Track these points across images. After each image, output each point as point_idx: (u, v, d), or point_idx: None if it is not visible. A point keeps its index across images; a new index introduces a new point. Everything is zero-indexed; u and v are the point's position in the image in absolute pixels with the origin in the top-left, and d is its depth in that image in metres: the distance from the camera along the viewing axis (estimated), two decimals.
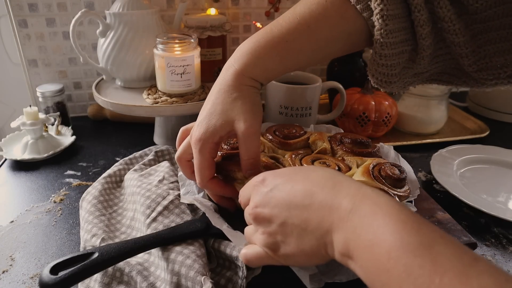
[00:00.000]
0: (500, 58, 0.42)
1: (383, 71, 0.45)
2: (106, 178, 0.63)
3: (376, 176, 0.52)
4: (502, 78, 0.44)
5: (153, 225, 0.50)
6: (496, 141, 0.83)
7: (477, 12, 0.42)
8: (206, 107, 0.46)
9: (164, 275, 0.44)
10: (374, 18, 0.41)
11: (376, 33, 0.42)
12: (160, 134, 0.82)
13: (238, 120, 0.43)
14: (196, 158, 0.46)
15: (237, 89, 0.44)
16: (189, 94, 0.74)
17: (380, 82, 0.46)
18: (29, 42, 0.91)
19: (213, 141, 0.45)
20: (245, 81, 0.45)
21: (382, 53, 0.43)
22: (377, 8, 0.41)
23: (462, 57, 0.43)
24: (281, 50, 0.45)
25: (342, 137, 0.64)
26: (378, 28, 0.42)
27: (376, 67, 0.45)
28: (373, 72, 0.45)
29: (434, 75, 0.49)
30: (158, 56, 0.71)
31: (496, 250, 0.55)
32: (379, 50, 0.43)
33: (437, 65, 0.47)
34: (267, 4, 0.97)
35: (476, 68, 0.44)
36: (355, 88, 0.88)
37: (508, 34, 0.41)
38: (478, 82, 0.46)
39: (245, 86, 0.45)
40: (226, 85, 0.45)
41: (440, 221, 0.57)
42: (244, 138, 0.44)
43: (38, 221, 0.59)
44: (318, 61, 0.48)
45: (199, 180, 0.47)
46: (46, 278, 0.38)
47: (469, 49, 0.43)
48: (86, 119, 0.97)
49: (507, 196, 0.67)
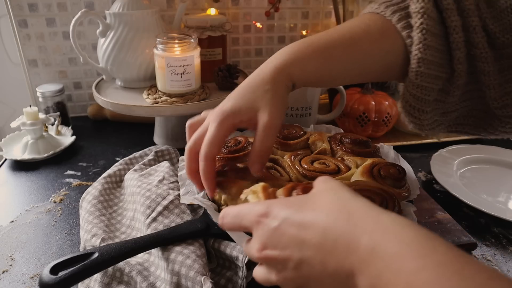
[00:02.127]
0: None
1: (417, 95, 0.45)
2: (106, 178, 0.63)
3: (376, 176, 0.52)
4: None
5: (153, 225, 0.50)
6: (496, 141, 0.83)
7: (503, 47, 0.42)
8: (237, 90, 0.46)
9: (164, 275, 0.44)
10: (414, 33, 0.43)
11: (415, 48, 0.43)
12: (160, 134, 0.82)
13: (263, 111, 0.43)
14: (211, 130, 0.44)
15: (271, 82, 0.44)
16: (189, 94, 0.74)
17: (412, 109, 0.46)
18: (29, 42, 0.91)
19: (233, 120, 0.44)
20: (281, 77, 0.45)
21: (418, 70, 0.43)
22: (418, 22, 0.42)
23: (489, 88, 0.44)
24: (320, 55, 0.45)
25: (342, 137, 0.64)
26: (417, 42, 0.42)
27: (411, 89, 0.45)
28: (407, 97, 0.45)
29: (460, 118, 0.49)
30: (158, 56, 0.71)
31: (496, 250, 0.55)
32: (415, 67, 0.43)
33: (466, 103, 0.47)
34: (267, 4, 0.97)
35: (501, 104, 0.44)
36: (355, 88, 0.88)
37: None
38: (501, 121, 0.46)
39: (280, 82, 0.45)
40: (262, 76, 0.45)
41: (440, 221, 0.57)
42: (263, 129, 0.44)
43: (38, 221, 0.59)
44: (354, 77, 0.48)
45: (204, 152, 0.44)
46: (46, 278, 0.38)
47: (496, 81, 0.43)
48: (86, 119, 0.97)
49: (507, 196, 0.67)
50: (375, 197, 0.46)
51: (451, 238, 0.53)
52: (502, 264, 0.52)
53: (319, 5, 1.02)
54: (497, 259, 0.53)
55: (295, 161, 0.57)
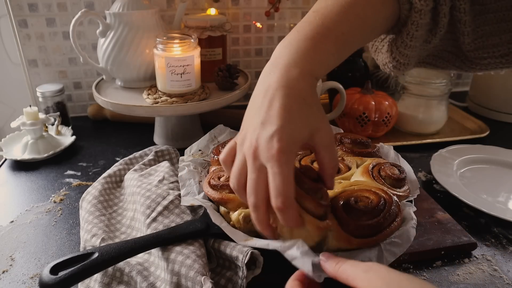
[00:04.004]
0: (496, 38, 0.46)
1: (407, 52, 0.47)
2: (106, 178, 0.63)
3: (376, 176, 0.52)
4: (496, 57, 0.46)
5: (153, 225, 0.50)
6: (496, 141, 0.83)
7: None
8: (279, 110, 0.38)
9: (164, 275, 0.44)
10: None
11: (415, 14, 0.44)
12: (160, 134, 0.82)
13: (319, 130, 0.40)
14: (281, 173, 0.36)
15: (309, 93, 0.40)
16: (189, 94, 0.74)
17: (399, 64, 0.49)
18: (29, 42, 0.91)
19: (297, 151, 0.39)
20: (312, 81, 0.41)
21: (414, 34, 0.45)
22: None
23: (463, 35, 0.46)
24: (338, 44, 0.43)
25: (342, 137, 0.64)
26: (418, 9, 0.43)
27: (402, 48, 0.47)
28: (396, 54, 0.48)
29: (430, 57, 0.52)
30: (158, 56, 0.71)
31: (496, 250, 0.54)
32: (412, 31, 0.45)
33: (439, 43, 0.49)
34: (267, 4, 0.97)
35: (474, 47, 0.47)
36: (355, 88, 0.88)
37: (504, 15, 0.45)
38: (472, 63, 0.48)
39: (313, 87, 0.41)
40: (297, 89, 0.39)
41: (440, 221, 0.57)
42: (329, 147, 0.41)
43: (38, 221, 0.59)
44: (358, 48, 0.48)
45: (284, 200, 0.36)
46: (46, 278, 0.38)
47: (471, 28, 0.46)
48: (86, 119, 0.97)
49: (507, 196, 0.67)
50: (374, 197, 0.46)
51: (451, 238, 0.53)
52: (502, 264, 0.52)
53: None
54: (497, 259, 0.53)
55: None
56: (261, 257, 0.43)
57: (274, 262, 0.44)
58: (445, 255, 0.52)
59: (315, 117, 0.40)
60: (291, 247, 0.41)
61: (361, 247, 0.43)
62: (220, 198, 0.49)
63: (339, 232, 0.42)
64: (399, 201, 0.48)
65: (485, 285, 0.48)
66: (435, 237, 0.53)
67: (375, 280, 0.31)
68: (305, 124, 0.39)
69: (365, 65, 0.96)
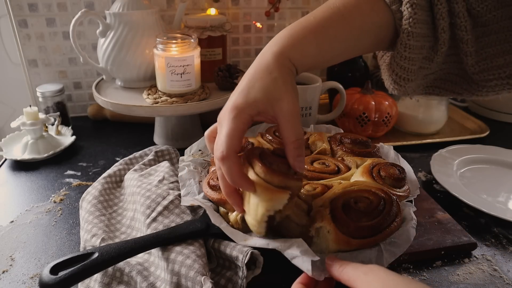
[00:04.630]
0: (500, 59, 0.45)
1: (404, 65, 0.47)
2: (106, 178, 0.63)
3: (376, 176, 0.52)
4: (502, 78, 0.45)
5: (153, 225, 0.50)
6: (496, 141, 0.83)
7: (479, 16, 0.44)
8: (242, 83, 0.43)
9: (164, 275, 0.44)
10: (404, 8, 0.44)
11: (405, 22, 0.44)
12: (160, 134, 0.82)
13: (281, 100, 0.41)
14: (227, 125, 0.40)
15: (276, 69, 0.42)
16: (189, 94, 0.74)
17: (399, 79, 0.48)
18: (29, 42, 0.91)
19: (250, 112, 0.41)
20: (284, 62, 0.43)
21: (407, 43, 0.45)
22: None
23: (467, 55, 0.46)
24: (317, 35, 0.45)
25: (342, 137, 0.64)
26: (407, 17, 0.44)
27: (398, 60, 0.47)
28: (394, 67, 0.48)
29: (438, 80, 0.51)
30: (158, 56, 0.71)
31: (496, 250, 0.54)
32: (405, 40, 0.45)
33: (444, 66, 0.49)
34: (267, 4, 0.97)
35: (478, 69, 0.46)
36: (355, 88, 0.88)
37: (506, 36, 0.44)
38: (479, 85, 0.47)
39: (284, 67, 0.43)
40: (265, 64, 0.43)
41: (440, 221, 0.57)
42: (290, 118, 0.41)
43: (38, 221, 0.59)
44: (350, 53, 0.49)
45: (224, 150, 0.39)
46: (46, 278, 0.38)
47: (473, 48, 0.45)
48: (86, 119, 0.97)
49: (507, 196, 0.67)
50: (374, 198, 0.46)
51: (451, 238, 0.53)
52: (502, 264, 0.52)
53: (319, 5, 1.02)
54: (497, 259, 0.53)
55: None
56: (261, 257, 0.43)
57: (274, 262, 0.44)
58: (445, 255, 0.52)
59: (277, 88, 0.41)
60: (291, 246, 0.41)
61: (360, 247, 0.43)
62: (219, 198, 0.49)
63: (338, 235, 0.42)
64: (399, 201, 0.48)
65: (485, 285, 0.48)
66: (435, 237, 0.53)
67: (374, 282, 0.33)
68: (264, 92, 0.41)
69: (365, 65, 0.96)
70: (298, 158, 0.42)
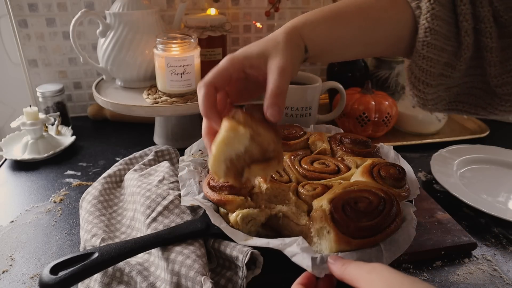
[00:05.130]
0: None
1: (423, 66, 0.45)
2: (106, 178, 0.63)
3: (376, 176, 0.52)
4: None
5: (153, 225, 0.50)
6: (496, 141, 0.83)
7: (506, 25, 0.43)
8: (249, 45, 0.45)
9: (164, 275, 0.44)
10: (422, 4, 0.43)
11: (423, 18, 0.43)
12: (160, 134, 0.82)
13: (274, 56, 0.42)
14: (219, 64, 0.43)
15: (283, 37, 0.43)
16: (189, 94, 0.74)
17: (417, 82, 0.46)
18: (29, 42, 0.91)
19: (243, 62, 0.43)
20: (293, 36, 0.44)
21: (425, 40, 0.44)
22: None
23: (490, 65, 0.44)
24: (331, 18, 0.45)
25: (342, 137, 0.64)
26: (425, 12, 0.43)
27: (417, 60, 0.45)
28: (413, 69, 0.46)
29: (461, 95, 0.49)
30: (158, 56, 0.71)
31: (496, 250, 0.54)
32: (423, 37, 0.44)
33: (468, 79, 0.47)
34: (267, 4, 0.97)
35: (501, 82, 0.45)
36: (355, 88, 0.88)
37: None
38: (501, 99, 0.46)
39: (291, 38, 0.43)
40: (274, 35, 0.44)
41: (440, 221, 0.57)
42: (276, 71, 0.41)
43: (38, 221, 0.59)
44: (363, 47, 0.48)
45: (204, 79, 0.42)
46: (46, 278, 0.38)
47: (498, 58, 0.44)
48: (86, 119, 0.97)
49: (507, 196, 0.67)
50: (374, 198, 0.46)
51: (451, 238, 0.53)
52: (502, 264, 0.52)
53: (319, 5, 1.02)
54: (497, 259, 0.53)
55: (295, 161, 0.57)
56: (261, 257, 0.43)
57: (274, 262, 0.44)
58: (445, 255, 0.52)
59: (277, 50, 0.42)
60: (291, 244, 0.41)
61: (360, 247, 0.43)
62: (219, 199, 0.49)
63: (338, 235, 0.42)
64: (399, 201, 0.48)
65: (485, 285, 0.48)
66: (435, 237, 0.53)
67: (377, 281, 0.32)
68: (262, 49, 0.43)
69: (365, 65, 0.96)
70: (273, 106, 0.40)
